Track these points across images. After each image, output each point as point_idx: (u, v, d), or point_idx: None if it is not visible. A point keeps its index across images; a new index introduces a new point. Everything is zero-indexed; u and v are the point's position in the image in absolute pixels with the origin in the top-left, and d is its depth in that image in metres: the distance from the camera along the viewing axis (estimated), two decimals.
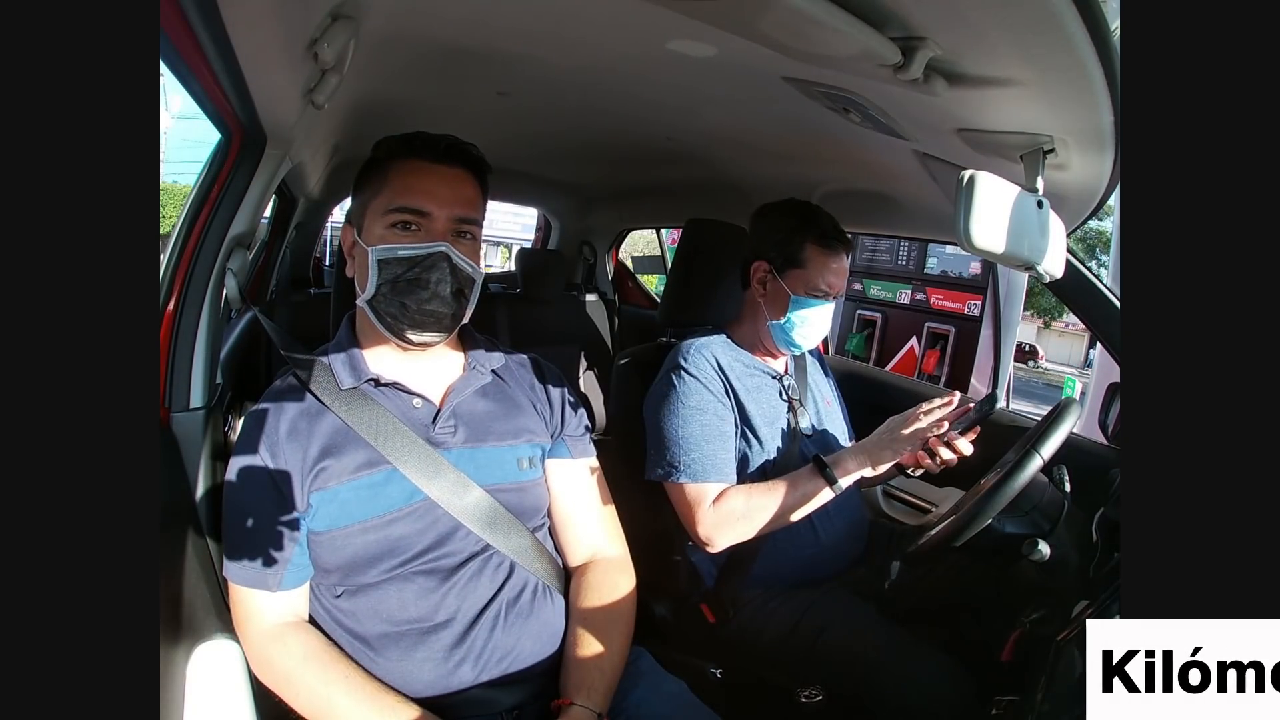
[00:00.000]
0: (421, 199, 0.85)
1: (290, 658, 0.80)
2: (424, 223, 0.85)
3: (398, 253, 0.84)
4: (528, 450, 0.94)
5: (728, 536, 1.13)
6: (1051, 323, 17.15)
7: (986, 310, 4.51)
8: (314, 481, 0.82)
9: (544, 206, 2.72)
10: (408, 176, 0.86)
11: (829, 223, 1.24)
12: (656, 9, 0.69)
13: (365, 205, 0.88)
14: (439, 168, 0.87)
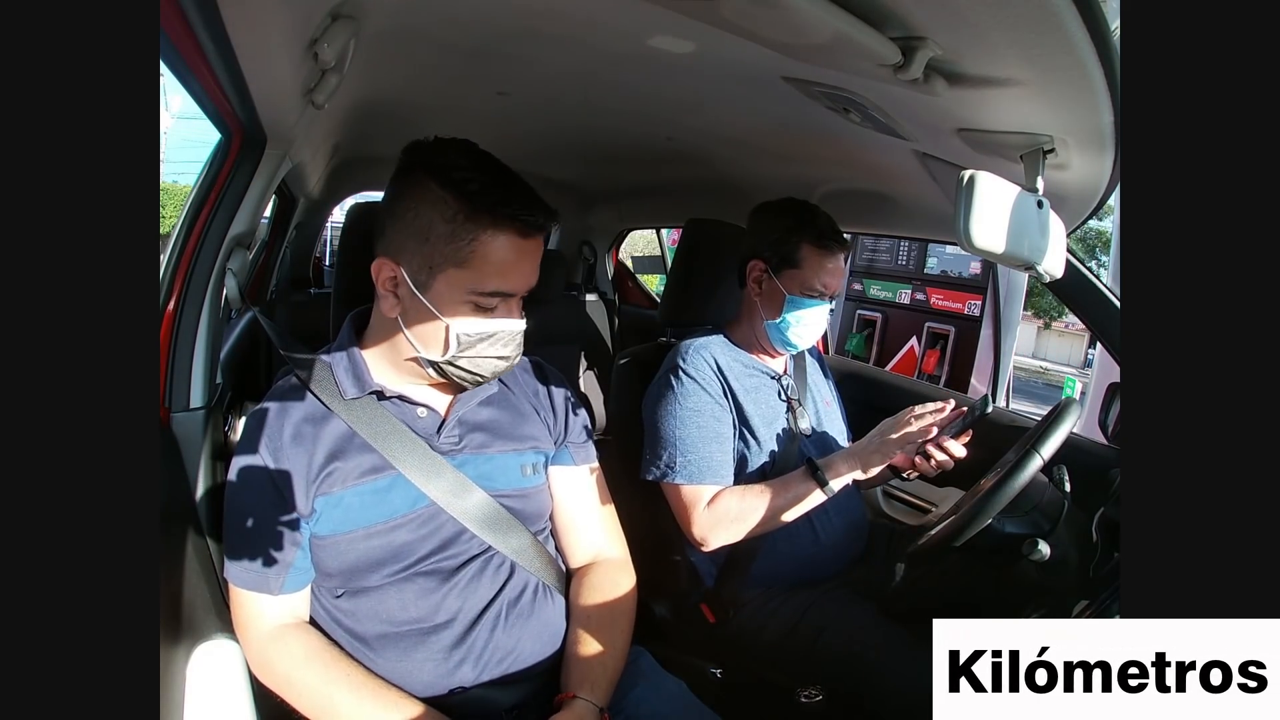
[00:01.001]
0: (514, 281, 0.82)
1: (291, 658, 0.80)
2: (506, 300, 0.83)
3: (479, 328, 0.82)
4: (532, 457, 0.94)
5: (721, 537, 1.14)
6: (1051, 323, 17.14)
7: (986, 310, 4.50)
8: (319, 486, 0.82)
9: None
10: (502, 254, 0.79)
11: (825, 222, 1.23)
12: (655, 8, 0.69)
13: (436, 267, 0.79)
14: (528, 243, 0.81)
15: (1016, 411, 1.77)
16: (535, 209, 0.80)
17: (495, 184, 0.79)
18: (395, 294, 0.82)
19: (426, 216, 0.78)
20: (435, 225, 0.78)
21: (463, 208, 0.77)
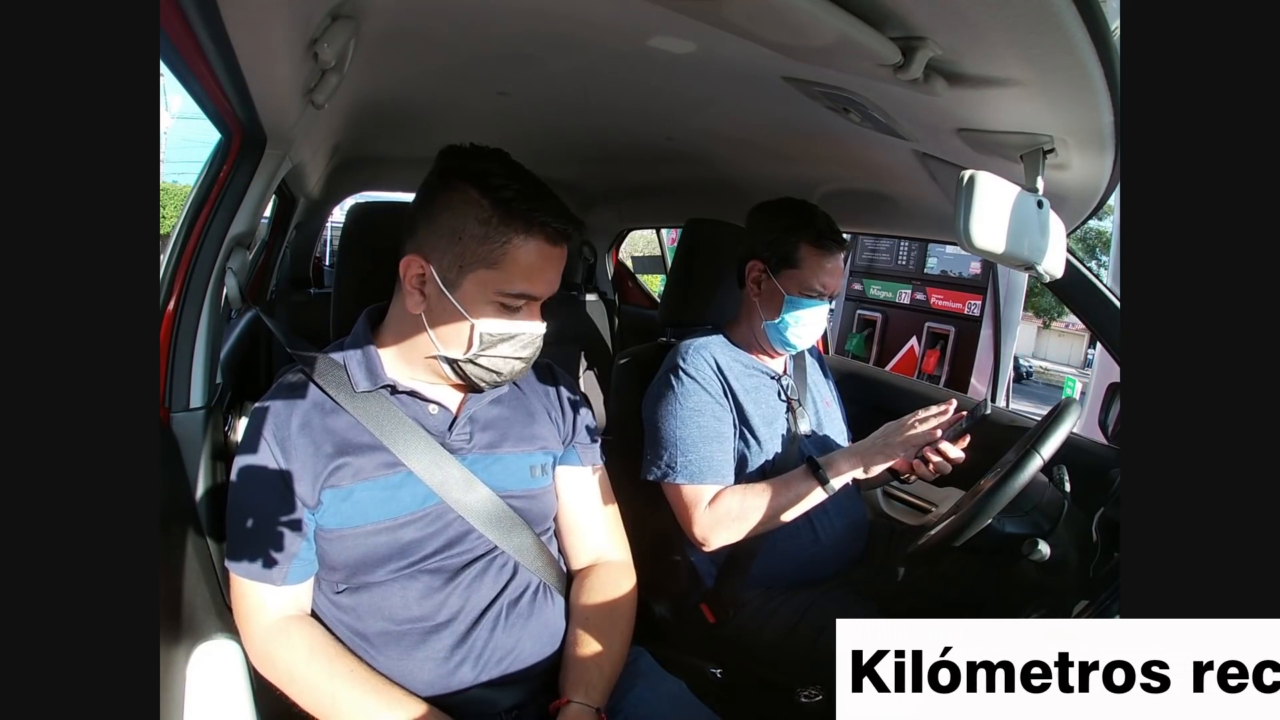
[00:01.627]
0: (540, 286, 0.85)
1: (294, 653, 0.80)
2: (529, 304, 0.86)
3: (504, 328, 0.84)
4: (540, 458, 0.95)
5: (722, 536, 1.14)
6: (1051, 323, 17.15)
7: (986, 310, 4.51)
8: (328, 478, 0.82)
9: None
10: (532, 260, 0.82)
11: (824, 222, 1.23)
12: (655, 8, 0.69)
13: (467, 266, 0.81)
14: (556, 250, 0.85)
15: (1016, 411, 1.77)
16: (565, 219, 0.83)
17: (530, 192, 0.82)
18: (422, 291, 0.84)
19: (461, 218, 0.81)
20: (469, 226, 0.81)
21: (498, 212, 0.80)
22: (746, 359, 1.28)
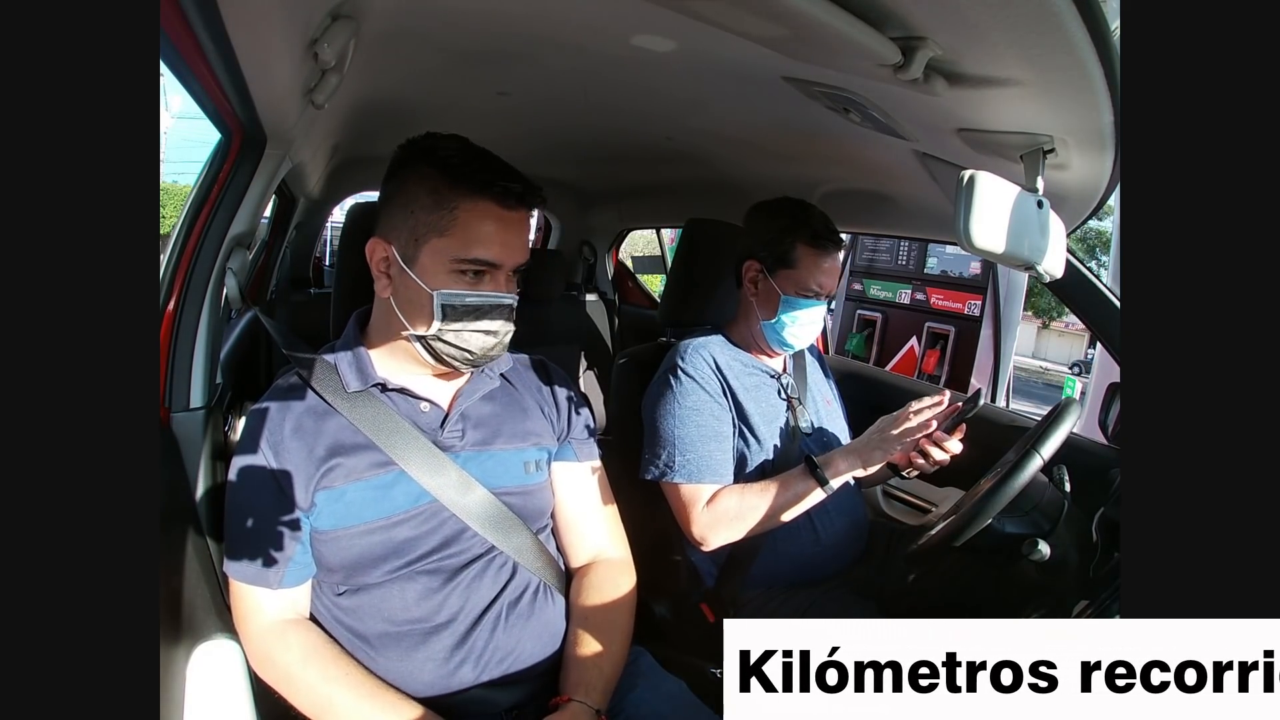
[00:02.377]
0: (496, 251, 0.83)
1: (290, 655, 0.80)
2: (492, 272, 0.84)
3: (465, 300, 0.83)
4: (534, 454, 0.94)
5: (721, 536, 1.14)
6: (1051, 323, 17.15)
7: (986, 310, 4.51)
8: (321, 480, 0.82)
9: (544, 206, 2.72)
10: (482, 224, 0.81)
11: (820, 222, 1.23)
12: (655, 8, 0.68)
13: (421, 238, 0.81)
14: (510, 214, 0.83)
15: (1016, 411, 1.77)
16: (514, 180, 0.83)
17: (476, 158, 0.83)
18: (388, 275, 0.85)
19: (413, 193, 0.82)
20: (419, 198, 0.82)
21: (445, 179, 0.81)
22: (746, 358, 1.28)
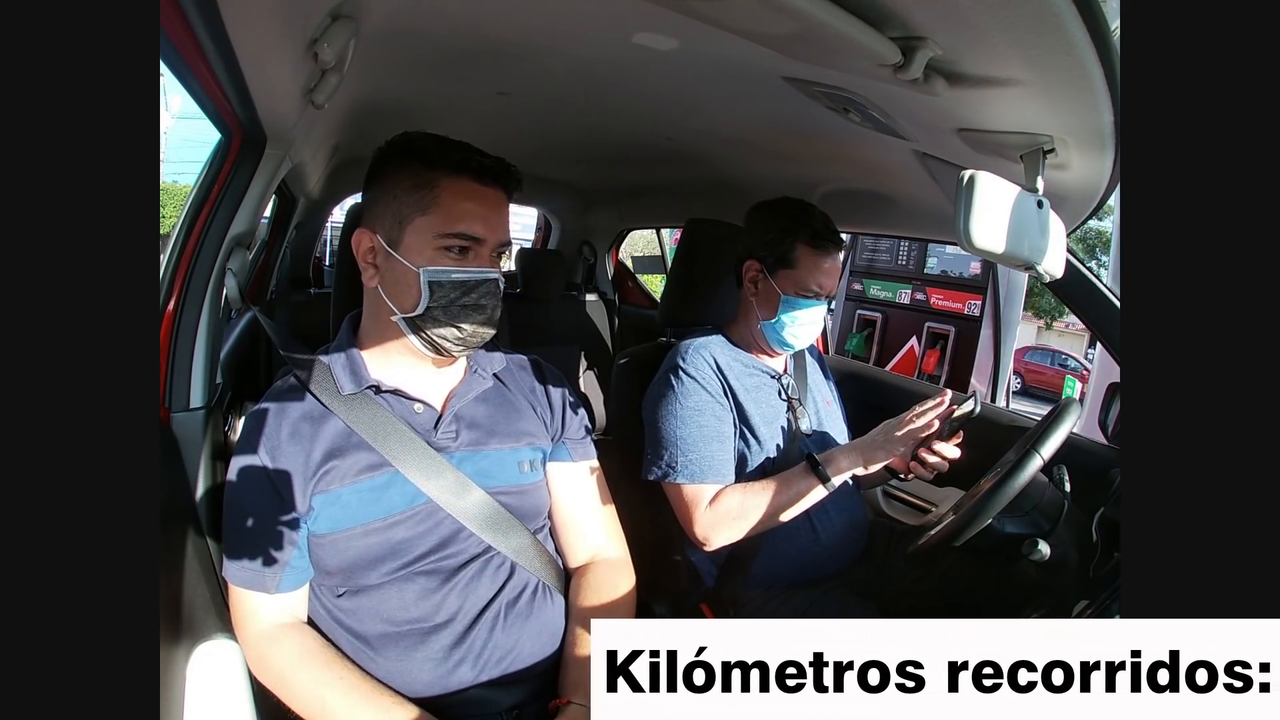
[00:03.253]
0: (478, 226, 0.84)
1: (286, 658, 0.80)
2: (475, 247, 0.84)
3: (452, 276, 0.83)
4: (529, 453, 0.94)
5: (724, 535, 1.14)
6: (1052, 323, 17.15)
7: (986, 310, 4.51)
8: (317, 484, 0.82)
9: (544, 206, 2.72)
10: (463, 200, 0.83)
11: (821, 222, 1.23)
12: (655, 8, 0.69)
13: (404, 219, 0.83)
14: (489, 191, 0.85)
15: (1016, 411, 1.77)
16: (489, 158, 0.85)
17: (452, 143, 0.85)
18: (374, 265, 0.86)
19: (393, 180, 0.85)
20: (400, 183, 0.84)
21: (425, 163, 0.84)
22: (746, 358, 1.28)
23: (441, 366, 0.92)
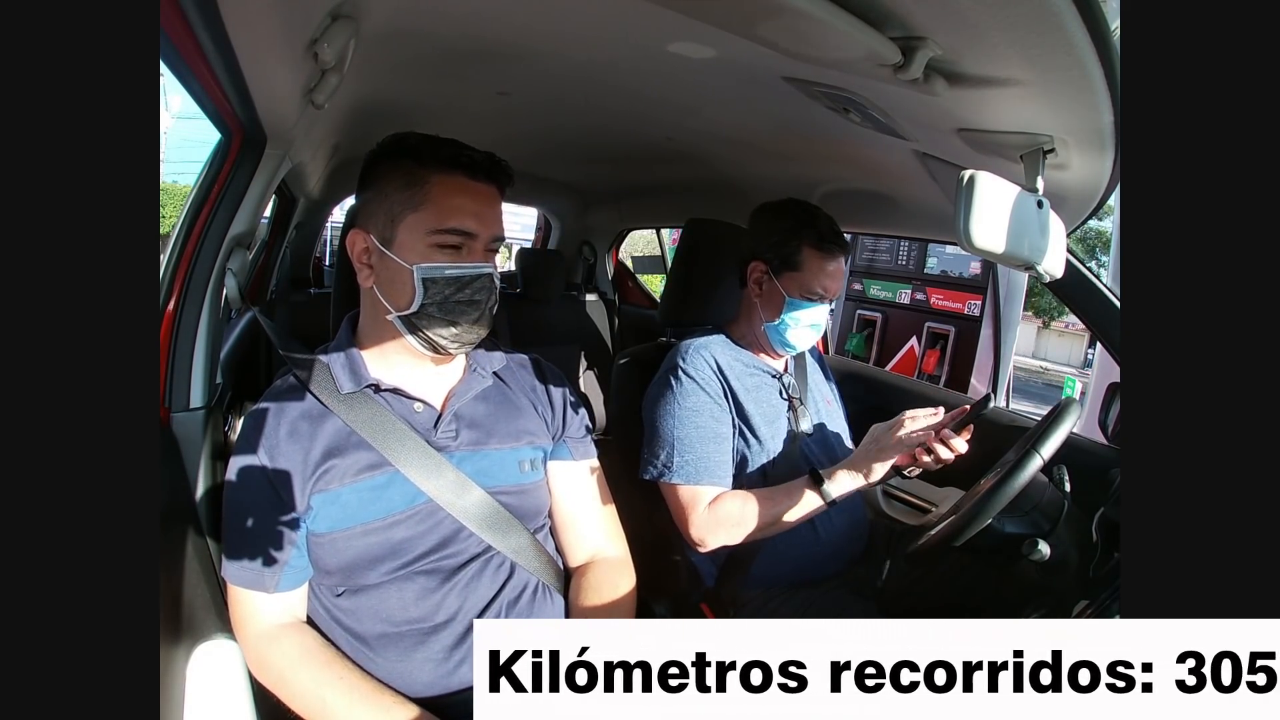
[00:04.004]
0: (470, 221, 0.84)
1: (285, 658, 0.80)
2: (468, 243, 0.84)
3: (445, 273, 0.83)
4: (529, 453, 0.94)
5: (720, 539, 1.14)
6: (1051, 323, 17.15)
7: (986, 310, 4.50)
8: (316, 483, 0.82)
9: (544, 206, 2.73)
10: (454, 196, 0.83)
11: (826, 225, 1.23)
12: (655, 9, 0.69)
13: (397, 217, 0.83)
14: (480, 186, 0.85)
15: (1016, 411, 1.77)
16: (479, 153, 0.85)
17: (442, 140, 0.86)
18: (369, 265, 0.86)
19: (385, 179, 0.85)
20: (393, 181, 0.85)
21: (414, 162, 0.84)
22: (747, 357, 1.28)
23: (440, 365, 0.92)
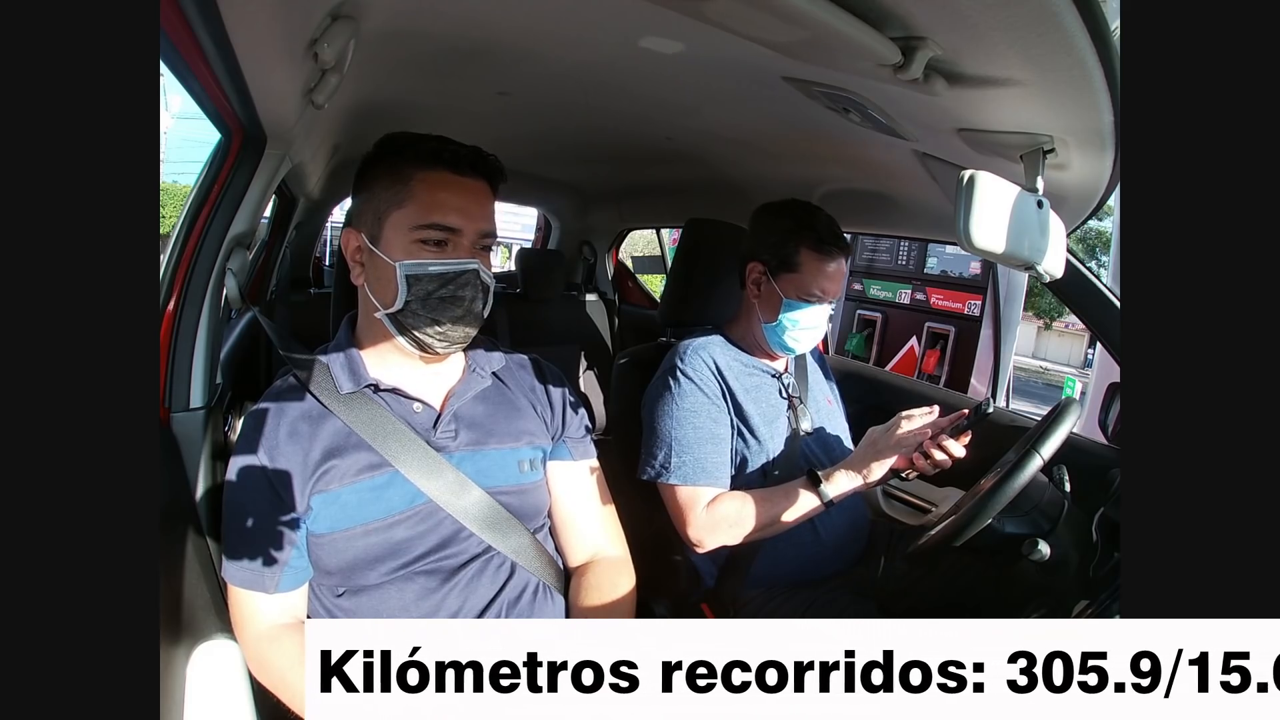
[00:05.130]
0: (454, 216, 0.83)
1: (285, 658, 0.80)
2: (453, 239, 0.84)
3: (429, 269, 0.83)
4: (529, 453, 0.94)
5: (717, 539, 1.14)
6: (1051, 323, 17.15)
7: (986, 310, 4.50)
8: (316, 484, 0.82)
9: (544, 206, 2.72)
10: (437, 191, 0.83)
11: (825, 226, 1.22)
12: (655, 9, 0.69)
13: (382, 214, 0.84)
14: (465, 181, 0.85)
15: (1016, 411, 1.77)
16: (464, 147, 0.85)
17: (426, 136, 0.86)
18: (361, 263, 0.87)
19: (374, 179, 0.86)
20: (379, 180, 0.85)
21: (401, 157, 0.85)
22: (747, 359, 1.28)
23: (434, 365, 0.92)
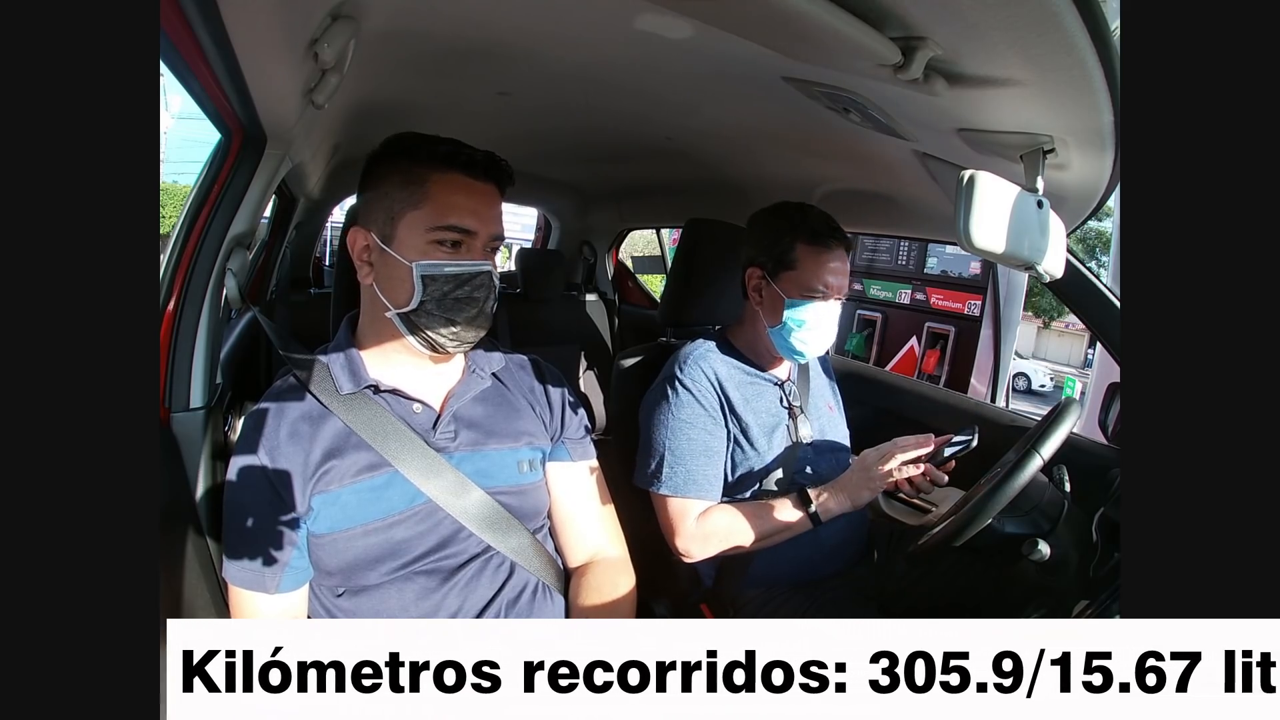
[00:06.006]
0: (470, 219, 0.84)
1: None
2: (468, 241, 0.85)
3: (445, 270, 0.83)
4: (528, 453, 0.94)
5: (705, 551, 1.15)
6: (1051, 323, 17.16)
7: (986, 310, 4.50)
8: (316, 484, 0.82)
9: (544, 206, 2.73)
10: (453, 193, 0.84)
11: (819, 220, 1.20)
12: (656, 9, 0.69)
13: (396, 215, 0.84)
14: (479, 184, 0.86)
15: (1017, 411, 1.77)
16: (478, 152, 0.86)
17: (440, 139, 0.86)
18: (369, 262, 0.87)
19: (385, 178, 0.86)
20: (392, 180, 0.85)
21: (416, 160, 0.85)
22: (748, 367, 1.26)
23: (439, 365, 0.92)
